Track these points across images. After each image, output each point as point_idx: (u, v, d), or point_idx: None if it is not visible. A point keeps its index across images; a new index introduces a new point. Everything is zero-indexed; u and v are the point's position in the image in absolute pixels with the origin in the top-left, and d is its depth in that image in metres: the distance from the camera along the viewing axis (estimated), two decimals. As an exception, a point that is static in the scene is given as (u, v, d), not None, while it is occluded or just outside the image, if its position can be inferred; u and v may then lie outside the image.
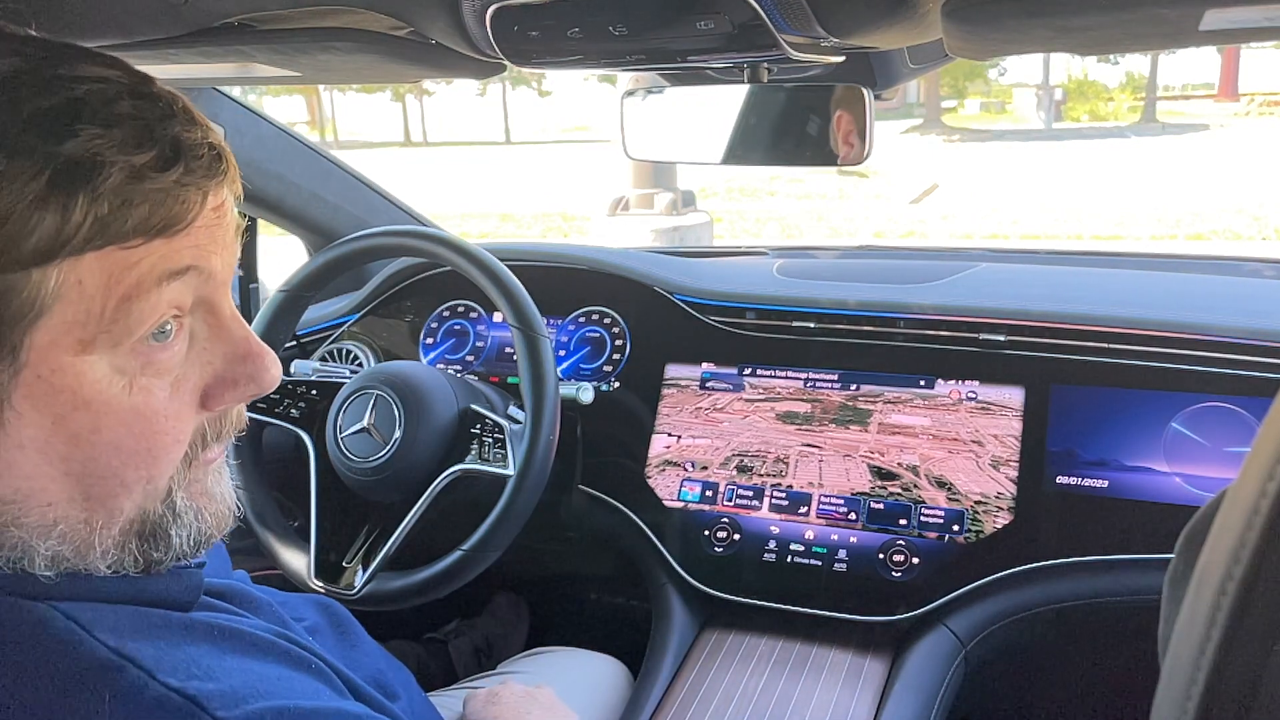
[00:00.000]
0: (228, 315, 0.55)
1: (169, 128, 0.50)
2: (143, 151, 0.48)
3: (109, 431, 0.50)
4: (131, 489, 0.52)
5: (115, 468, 0.51)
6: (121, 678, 0.49)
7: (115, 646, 0.50)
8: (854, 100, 0.86)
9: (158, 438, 0.52)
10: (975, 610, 1.13)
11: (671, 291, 1.41)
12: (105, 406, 0.50)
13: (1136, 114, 23.15)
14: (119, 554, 0.53)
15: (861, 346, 1.29)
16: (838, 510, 1.21)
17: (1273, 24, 0.56)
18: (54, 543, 0.50)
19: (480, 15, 0.73)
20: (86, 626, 0.50)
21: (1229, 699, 0.29)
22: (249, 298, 1.57)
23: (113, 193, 0.47)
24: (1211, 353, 1.15)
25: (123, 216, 0.48)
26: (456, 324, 1.50)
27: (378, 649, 0.81)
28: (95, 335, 0.48)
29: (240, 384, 0.56)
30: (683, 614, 1.22)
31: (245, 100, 1.43)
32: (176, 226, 0.50)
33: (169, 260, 0.50)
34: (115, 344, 0.49)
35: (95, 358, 0.49)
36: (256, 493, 1.26)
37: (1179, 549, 0.38)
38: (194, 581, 0.58)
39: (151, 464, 0.53)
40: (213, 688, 0.50)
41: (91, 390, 0.49)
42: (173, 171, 0.49)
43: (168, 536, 0.55)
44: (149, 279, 0.49)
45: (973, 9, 0.57)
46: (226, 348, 0.55)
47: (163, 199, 0.49)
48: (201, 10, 0.75)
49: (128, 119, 0.49)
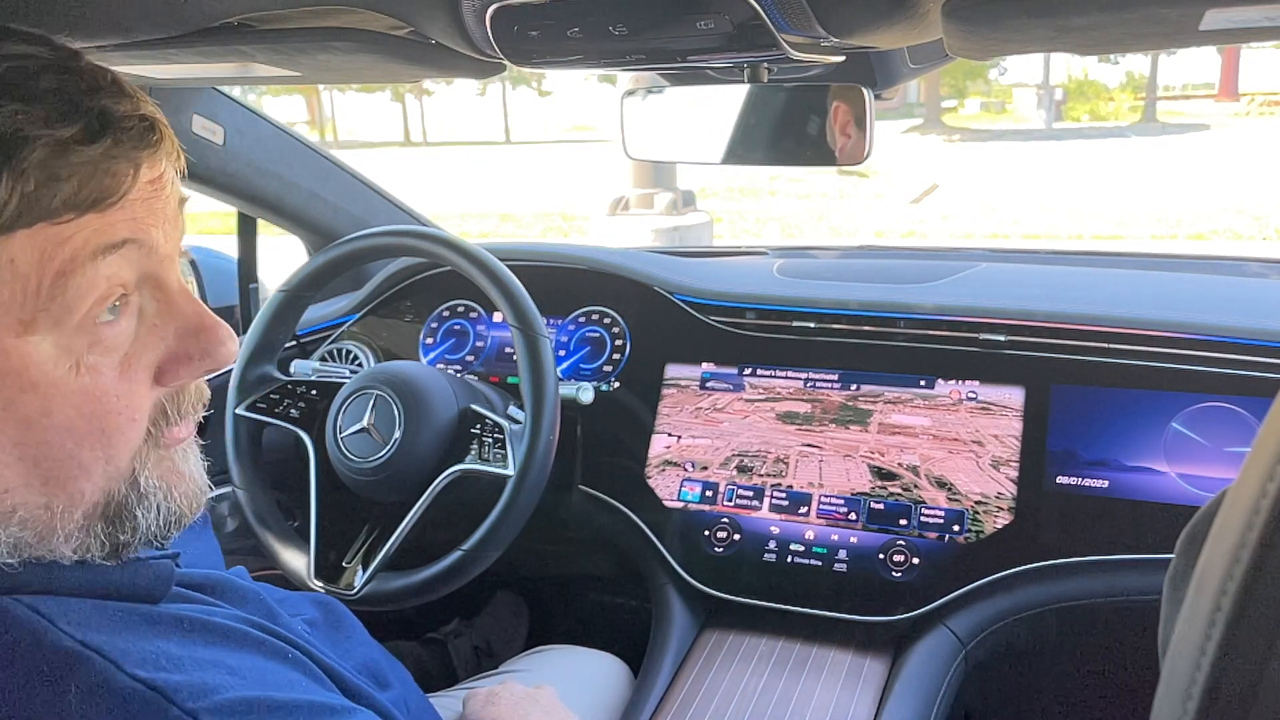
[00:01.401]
0: (176, 290, 0.54)
1: (95, 100, 0.50)
2: (67, 125, 0.48)
3: (59, 414, 0.49)
4: (90, 470, 0.52)
5: (70, 450, 0.50)
6: (87, 669, 0.48)
7: (81, 638, 0.49)
8: (854, 100, 0.86)
9: (110, 417, 0.51)
10: (975, 610, 1.13)
11: (671, 291, 1.41)
12: (53, 388, 0.49)
13: (1137, 114, 23.15)
14: (84, 538, 0.52)
15: (861, 346, 1.29)
16: (838, 510, 1.21)
17: (1273, 24, 0.56)
18: (15, 529, 0.50)
19: (480, 15, 0.73)
20: (50, 617, 0.49)
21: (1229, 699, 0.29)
22: (249, 298, 1.57)
23: (38, 168, 0.46)
24: (1211, 353, 1.15)
25: (50, 192, 0.47)
26: (456, 324, 1.50)
27: (372, 642, 0.80)
28: (35, 315, 0.48)
29: (195, 359, 0.55)
30: (683, 614, 1.21)
31: (245, 100, 1.43)
32: (109, 200, 0.49)
33: (103, 234, 0.49)
34: (57, 323, 0.48)
35: (39, 338, 0.48)
36: (256, 493, 1.26)
37: (1179, 549, 0.38)
38: (163, 572, 0.57)
39: (107, 444, 0.52)
40: (180, 679, 0.50)
41: (38, 372, 0.48)
42: (100, 144, 0.49)
43: (134, 518, 0.54)
44: (83, 254, 0.48)
45: (973, 9, 0.57)
46: (178, 323, 0.54)
47: (91, 172, 0.48)
48: (201, 10, 0.75)
49: (51, 93, 0.48)
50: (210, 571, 0.65)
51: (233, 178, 1.43)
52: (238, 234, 1.58)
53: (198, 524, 0.76)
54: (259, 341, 1.29)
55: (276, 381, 1.30)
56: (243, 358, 1.29)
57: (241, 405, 1.27)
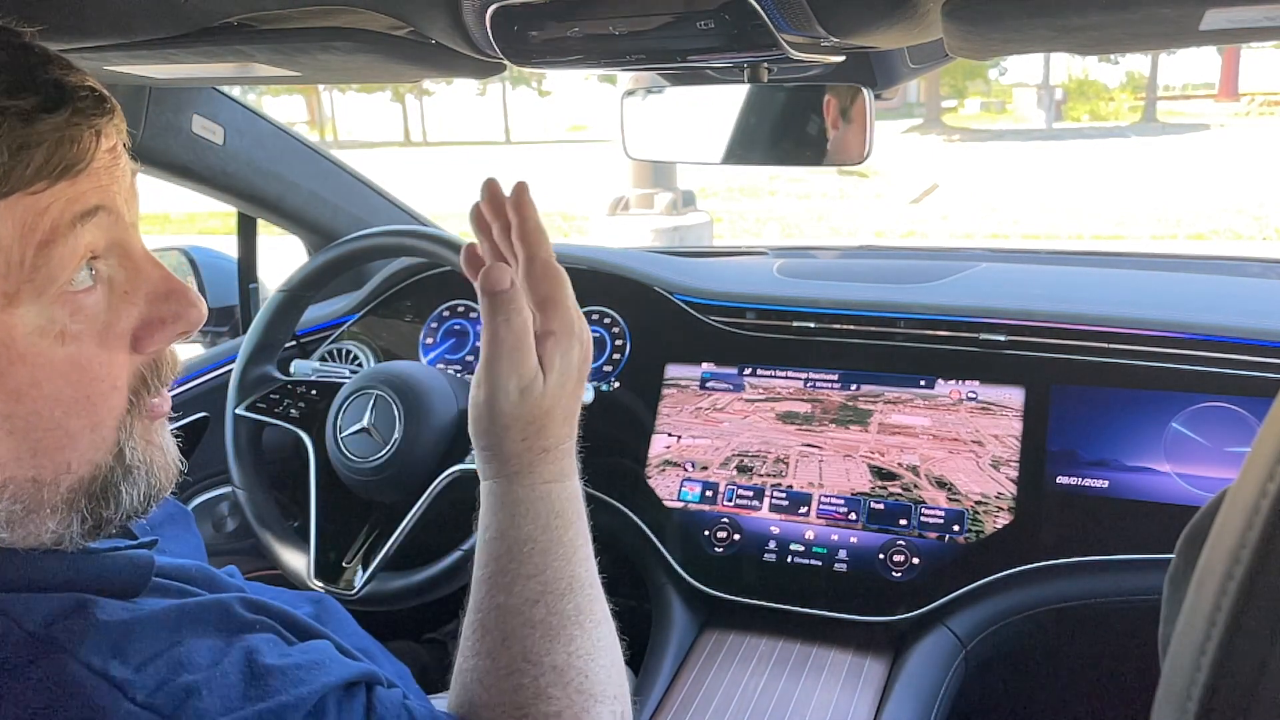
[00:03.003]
0: (141, 255, 0.55)
1: (49, 72, 0.50)
2: (27, 95, 0.48)
3: (48, 384, 0.50)
4: (77, 440, 0.52)
5: (58, 419, 0.51)
6: (44, 666, 0.48)
7: (42, 634, 0.49)
8: (854, 100, 0.86)
9: (95, 384, 0.52)
10: (975, 610, 1.13)
11: (671, 291, 1.41)
12: (40, 358, 0.50)
13: (1137, 114, 23.15)
14: (68, 513, 0.53)
15: (861, 346, 1.29)
16: (838, 510, 1.21)
17: (1273, 24, 0.56)
18: (6, 503, 0.50)
19: (480, 15, 0.73)
20: (13, 616, 0.49)
21: (1229, 699, 0.29)
22: (249, 298, 1.57)
23: (8, 139, 0.47)
24: (1211, 353, 1.15)
25: (23, 161, 0.48)
26: (456, 324, 1.50)
27: (365, 635, 0.80)
28: (19, 286, 0.48)
29: (168, 323, 0.55)
30: (683, 614, 1.21)
31: (245, 100, 1.43)
32: (77, 167, 0.50)
33: (77, 202, 0.50)
34: (40, 293, 0.49)
35: (23, 310, 0.49)
36: (256, 493, 1.26)
37: (1179, 549, 0.38)
38: (141, 562, 0.57)
39: (92, 412, 0.52)
40: (133, 667, 0.49)
41: (25, 344, 0.49)
42: (61, 112, 0.49)
43: (118, 493, 0.55)
44: (62, 222, 0.49)
45: (973, 9, 0.57)
46: (147, 288, 0.55)
47: (59, 140, 0.49)
48: (202, 10, 0.75)
49: (6, 67, 0.49)
50: (191, 562, 0.64)
51: (233, 178, 1.43)
52: (238, 234, 1.58)
53: (182, 522, 0.76)
54: (259, 341, 1.29)
55: (276, 381, 1.30)
56: (243, 358, 1.29)
57: (241, 405, 1.27)
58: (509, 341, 0.66)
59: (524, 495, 0.68)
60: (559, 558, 0.67)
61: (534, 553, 0.66)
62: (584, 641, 0.65)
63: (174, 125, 1.32)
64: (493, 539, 0.68)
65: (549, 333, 0.68)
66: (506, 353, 0.66)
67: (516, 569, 0.66)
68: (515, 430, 0.67)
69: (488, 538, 0.68)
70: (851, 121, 0.86)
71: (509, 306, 0.65)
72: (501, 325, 0.65)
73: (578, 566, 0.68)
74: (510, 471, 0.68)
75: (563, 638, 0.64)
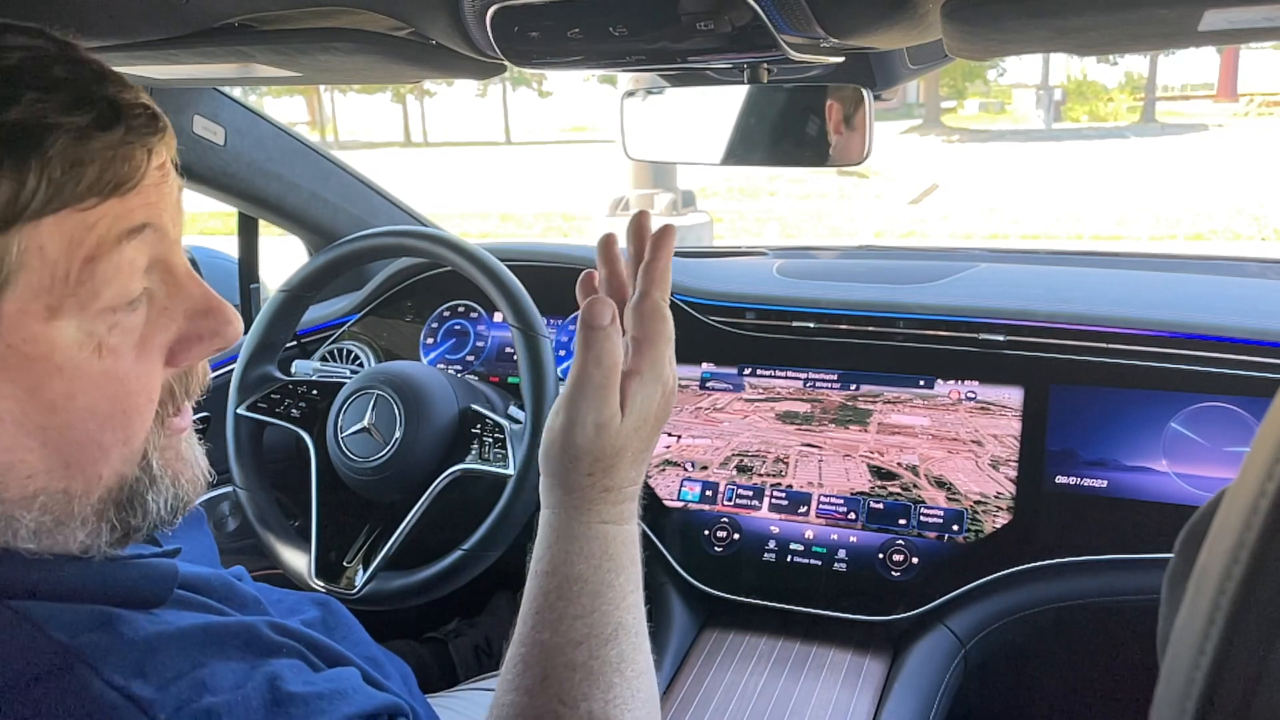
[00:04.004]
0: (183, 272, 0.55)
1: (104, 89, 0.51)
2: (83, 113, 0.49)
3: (84, 396, 0.50)
4: (109, 453, 0.52)
5: (92, 432, 0.51)
6: (66, 679, 0.48)
7: (67, 642, 0.49)
8: (854, 101, 0.86)
9: (130, 399, 0.52)
10: (975, 610, 1.13)
11: (671, 291, 1.40)
12: (78, 371, 0.50)
13: (1136, 114, 23.16)
14: (96, 524, 0.53)
15: (861, 346, 1.29)
16: (837, 510, 1.21)
17: (1272, 24, 0.56)
18: (36, 514, 0.50)
19: (480, 16, 0.73)
20: (40, 624, 0.49)
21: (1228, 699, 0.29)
22: (249, 298, 1.57)
23: (62, 155, 0.47)
24: (1211, 353, 1.15)
25: (75, 178, 0.48)
26: (457, 324, 1.50)
27: (371, 643, 0.80)
28: (63, 300, 0.49)
29: (205, 339, 0.56)
30: (683, 614, 1.22)
31: (246, 101, 1.43)
32: (127, 185, 0.50)
33: (124, 219, 0.50)
34: (82, 308, 0.49)
35: (64, 323, 0.49)
36: (257, 493, 1.26)
37: (1178, 548, 0.38)
38: (167, 572, 0.57)
39: (126, 425, 0.53)
40: (156, 686, 0.49)
41: (64, 356, 0.49)
42: (115, 130, 0.50)
43: (145, 503, 0.55)
44: (108, 239, 0.50)
45: (973, 9, 0.57)
46: (187, 304, 0.55)
47: (111, 158, 0.49)
48: (202, 11, 0.75)
49: (64, 82, 0.49)
50: (211, 570, 0.65)
51: (233, 178, 1.43)
52: (238, 234, 1.58)
53: (195, 523, 0.76)
54: (260, 341, 1.29)
55: (277, 381, 1.30)
56: (244, 358, 1.29)
57: (242, 405, 1.27)
58: (596, 379, 0.66)
59: (580, 531, 0.68)
60: (608, 601, 0.66)
61: (583, 593, 0.66)
62: (623, 690, 0.63)
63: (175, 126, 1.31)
64: (544, 572, 0.67)
65: (636, 372, 0.68)
66: (592, 390, 0.66)
67: (564, 607, 0.65)
68: (583, 464, 0.67)
69: (539, 569, 0.67)
70: (851, 122, 0.86)
71: (603, 344, 0.66)
72: (592, 361, 0.66)
73: (626, 613, 0.67)
74: (571, 504, 0.68)
75: (602, 684, 0.63)
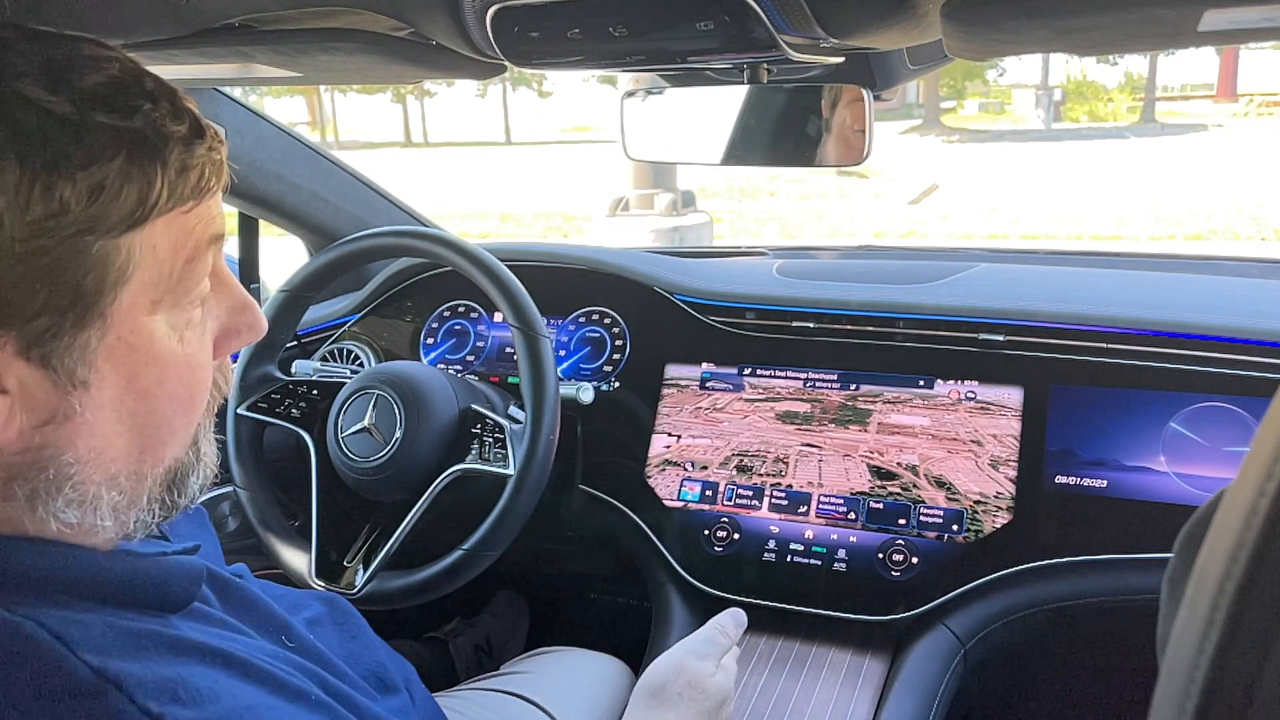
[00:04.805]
0: (224, 270, 0.59)
1: (185, 102, 0.54)
2: (181, 123, 0.52)
3: (170, 384, 0.54)
4: (177, 436, 0.57)
5: (169, 417, 0.55)
6: (100, 703, 0.48)
7: (99, 666, 0.49)
8: (853, 101, 0.86)
9: (200, 385, 0.57)
10: (974, 610, 1.13)
11: (671, 291, 1.41)
12: (169, 360, 0.54)
13: (1135, 114, 23.16)
14: (150, 505, 0.56)
15: (861, 346, 1.29)
16: (837, 510, 1.21)
17: (1272, 24, 0.56)
18: (114, 495, 0.54)
19: (480, 16, 0.73)
20: (71, 645, 0.49)
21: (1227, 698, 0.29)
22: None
23: (176, 161, 0.51)
24: (1211, 353, 1.15)
25: (184, 182, 0.52)
26: (457, 324, 1.51)
27: (380, 643, 0.81)
28: (163, 296, 0.53)
29: (241, 332, 0.60)
30: (683, 614, 1.22)
31: (246, 101, 1.43)
32: (211, 189, 0.55)
33: (210, 224, 0.55)
34: (176, 303, 0.54)
35: (160, 316, 0.53)
36: (258, 492, 1.26)
37: (1178, 548, 0.38)
38: (194, 571, 0.58)
39: (194, 410, 0.57)
40: (192, 715, 0.50)
41: (159, 347, 0.53)
42: (204, 140, 0.54)
43: (187, 482, 0.59)
44: (203, 242, 0.54)
45: (972, 9, 0.57)
46: (228, 300, 0.60)
47: (205, 164, 0.53)
48: (202, 11, 0.75)
49: (159, 94, 0.52)
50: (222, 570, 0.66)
51: (233, 178, 1.43)
52: (239, 234, 1.58)
53: (199, 521, 0.77)
54: (260, 341, 1.29)
55: (278, 381, 1.30)
56: (244, 358, 1.29)
57: (243, 405, 1.27)
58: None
59: None
60: None
61: None
62: None
63: None
64: None
65: None
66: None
67: None
68: None
69: None
70: (851, 122, 0.87)
71: None
72: None
73: None
74: None
75: None
